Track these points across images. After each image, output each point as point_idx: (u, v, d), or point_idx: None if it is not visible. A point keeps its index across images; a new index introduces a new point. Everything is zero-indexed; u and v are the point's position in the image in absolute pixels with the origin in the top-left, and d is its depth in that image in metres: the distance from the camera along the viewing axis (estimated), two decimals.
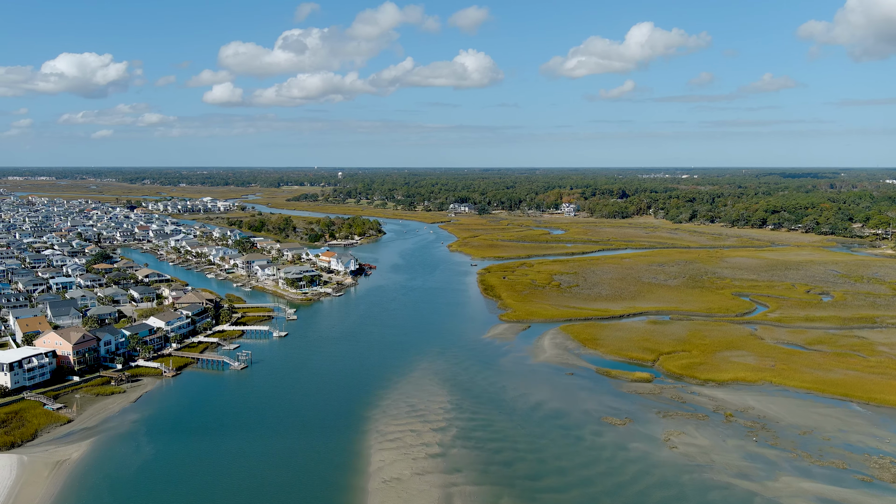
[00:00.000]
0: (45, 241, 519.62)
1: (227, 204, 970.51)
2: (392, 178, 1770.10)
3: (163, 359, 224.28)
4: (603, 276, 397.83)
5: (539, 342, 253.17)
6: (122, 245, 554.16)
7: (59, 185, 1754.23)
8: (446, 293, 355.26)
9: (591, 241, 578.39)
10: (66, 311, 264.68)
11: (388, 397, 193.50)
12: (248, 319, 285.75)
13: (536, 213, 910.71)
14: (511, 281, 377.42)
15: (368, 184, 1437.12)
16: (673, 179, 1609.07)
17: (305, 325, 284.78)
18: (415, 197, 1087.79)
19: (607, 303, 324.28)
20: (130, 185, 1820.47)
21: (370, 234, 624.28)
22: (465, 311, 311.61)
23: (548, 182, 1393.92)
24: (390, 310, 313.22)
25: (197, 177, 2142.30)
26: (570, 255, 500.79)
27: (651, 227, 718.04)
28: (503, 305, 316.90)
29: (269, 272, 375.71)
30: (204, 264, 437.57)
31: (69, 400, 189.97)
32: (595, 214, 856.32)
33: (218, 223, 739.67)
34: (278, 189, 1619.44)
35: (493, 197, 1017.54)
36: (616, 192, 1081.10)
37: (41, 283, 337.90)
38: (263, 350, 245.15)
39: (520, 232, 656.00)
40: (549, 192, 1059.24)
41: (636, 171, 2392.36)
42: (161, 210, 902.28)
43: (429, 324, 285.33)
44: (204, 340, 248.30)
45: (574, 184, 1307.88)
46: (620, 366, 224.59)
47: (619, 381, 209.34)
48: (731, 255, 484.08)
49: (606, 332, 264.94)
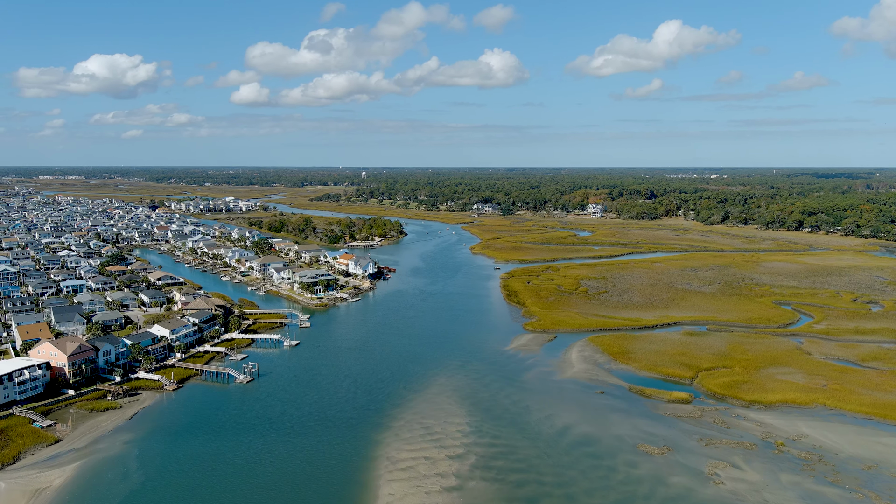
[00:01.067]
0: (63, 241, 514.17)
1: (248, 204, 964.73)
2: (416, 177, 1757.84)
3: (165, 370, 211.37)
4: (633, 281, 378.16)
5: (566, 355, 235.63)
6: (141, 245, 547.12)
7: (88, 185, 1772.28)
8: (467, 299, 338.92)
9: (620, 244, 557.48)
10: (70, 316, 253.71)
11: (402, 417, 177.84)
12: (259, 327, 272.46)
13: (562, 213, 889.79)
14: (536, 286, 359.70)
15: (392, 184, 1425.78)
16: (702, 180, 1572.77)
17: (318, 332, 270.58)
18: (438, 197, 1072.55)
19: (639, 311, 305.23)
20: (157, 184, 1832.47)
21: (391, 235, 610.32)
22: (486, 320, 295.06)
23: (573, 182, 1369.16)
24: (408, 317, 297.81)
25: (222, 176, 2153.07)
26: (598, 258, 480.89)
27: (681, 229, 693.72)
28: (527, 313, 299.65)
29: (285, 275, 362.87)
30: (220, 266, 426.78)
31: (61, 416, 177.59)
32: (623, 215, 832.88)
33: (238, 223, 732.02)
34: (302, 189, 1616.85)
35: (518, 197, 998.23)
36: (644, 192, 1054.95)
37: (51, 286, 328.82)
38: (272, 361, 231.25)
39: (545, 234, 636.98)
40: (574, 193, 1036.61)
41: (663, 171, 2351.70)
42: (183, 210, 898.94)
43: (448, 333, 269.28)
44: (210, 350, 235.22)
45: (600, 184, 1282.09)
46: (655, 383, 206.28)
47: (654, 401, 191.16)
48: (768, 260, 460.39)
49: (639, 345, 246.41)
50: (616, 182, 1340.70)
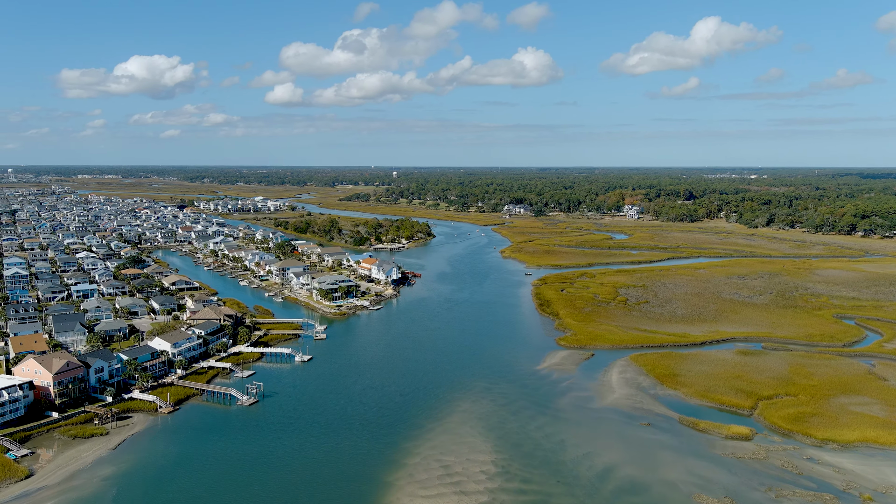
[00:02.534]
0: (85, 242, 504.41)
1: (277, 204, 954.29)
2: (446, 177, 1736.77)
3: (162, 389, 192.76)
4: (676, 290, 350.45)
5: (606, 377, 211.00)
6: (163, 247, 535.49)
7: (123, 184, 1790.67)
8: (496, 309, 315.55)
9: (659, 248, 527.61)
10: (71, 326, 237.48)
11: (418, 453, 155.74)
12: (272, 338, 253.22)
13: (597, 215, 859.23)
14: (570, 295, 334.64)
15: (422, 183, 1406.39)
16: (741, 180, 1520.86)
17: (334, 345, 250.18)
18: (468, 197, 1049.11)
19: (684, 325, 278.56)
20: (190, 183, 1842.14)
21: (418, 237, 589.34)
22: (517, 333, 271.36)
23: (608, 182, 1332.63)
24: (431, 329, 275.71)
25: (255, 176, 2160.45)
26: (637, 263, 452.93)
27: (724, 232, 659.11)
28: (562, 326, 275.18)
29: (304, 281, 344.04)
30: (239, 270, 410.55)
31: (41, 443, 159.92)
32: (660, 217, 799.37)
33: (265, 223, 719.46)
34: (333, 188, 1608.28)
35: (551, 198, 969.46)
36: (682, 193, 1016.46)
37: (61, 291, 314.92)
38: (281, 378, 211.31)
39: (579, 236, 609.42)
40: (610, 193, 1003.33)
41: (700, 171, 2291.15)
42: (211, 210, 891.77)
43: (474, 348, 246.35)
44: (215, 365, 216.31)
45: (636, 184, 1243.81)
46: (709, 413, 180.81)
47: (710, 436, 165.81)
48: (821, 267, 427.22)
49: (687, 365, 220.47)
50: (652, 182, 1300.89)
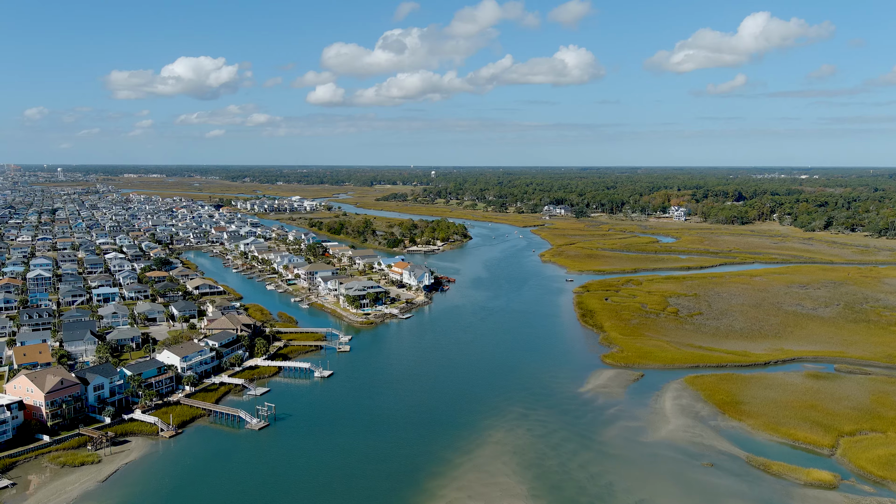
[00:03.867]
0: (117, 242, 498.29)
1: (313, 203, 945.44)
2: (485, 177, 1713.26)
3: (167, 409, 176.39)
4: (731, 300, 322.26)
5: (658, 403, 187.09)
6: (195, 247, 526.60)
7: (167, 183, 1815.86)
8: (535, 319, 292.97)
9: (710, 253, 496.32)
10: (81, 335, 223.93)
11: (443, 495, 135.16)
12: (292, 350, 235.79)
13: (641, 216, 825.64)
14: (615, 305, 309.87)
15: (460, 183, 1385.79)
16: (792, 180, 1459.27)
17: (358, 359, 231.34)
18: (507, 197, 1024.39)
19: (744, 341, 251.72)
20: (231, 182, 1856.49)
21: (454, 239, 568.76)
22: (557, 347, 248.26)
23: (652, 182, 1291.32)
24: (464, 342, 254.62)
25: (295, 175, 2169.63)
26: (686, 269, 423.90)
27: (778, 236, 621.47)
28: (607, 340, 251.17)
29: (331, 286, 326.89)
30: (267, 273, 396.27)
31: (27, 471, 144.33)
32: (709, 219, 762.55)
33: (299, 224, 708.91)
34: (371, 188, 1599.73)
35: (592, 198, 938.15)
36: (731, 194, 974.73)
37: (81, 294, 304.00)
38: (297, 397, 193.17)
39: (623, 239, 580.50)
40: (654, 194, 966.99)
41: (748, 171, 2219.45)
42: (248, 209, 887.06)
43: (510, 365, 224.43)
44: (227, 381, 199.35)
45: (681, 184, 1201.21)
46: (781, 452, 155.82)
47: (785, 482, 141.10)
48: (891, 275, 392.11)
49: (751, 390, 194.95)
50: (698, 182, 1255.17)
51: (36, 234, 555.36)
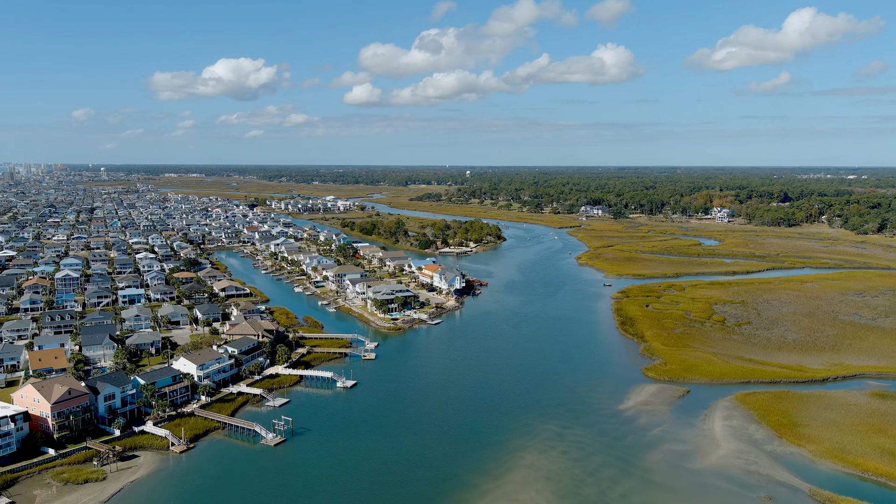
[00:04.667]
0: (150, 242, 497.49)
1: (346, 203, 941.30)
2: (520, 177, 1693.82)
3: (180, 421, 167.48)
4: (782, 308, 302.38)
5: (707, 423, 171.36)
6: (226, 247, 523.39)
7: (205, 182, 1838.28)
8: (571, 326, 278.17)
9: (756, 256, 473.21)
10: (100, 339, 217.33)
11: None
12: (316, 357, 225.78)
13: (682, 218, 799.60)
14: (657, 312, 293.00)
15: (495, 183, 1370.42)
16: (840, 181, 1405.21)
17: (383, 368, 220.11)
18: (542, 198, 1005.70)
19: (798, 354, 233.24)
20: (268, 182, 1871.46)
21: (487, 240, 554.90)
22: (595, 358, 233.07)
23: (692, 182, 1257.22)
24: (495, 350, 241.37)
25: (331, 175, 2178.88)
26: (731, 274, 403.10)
27: (828, 239, 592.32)
28: (648, 351, 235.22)
29: (359, 289, 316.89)
30: (296, 274, 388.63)
31: (29, 488, 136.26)
32: (754, 221, 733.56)
33: (332, 223, 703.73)
34: (405, 188, 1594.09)
35: (631, 199, 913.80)
36: (776, 194, 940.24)
37: (106, 296, 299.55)
38: (317, 409, 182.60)
39: (664, 242, 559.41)
40: (695, 194, 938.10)
41: (791, 171, 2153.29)
42: (282, 209, 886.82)
43: (544, 377, 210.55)
44: (246, 391, 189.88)
45: (723, 184, 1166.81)
46: (849, 484, 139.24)
47: None
48: None
49: (809, 411, 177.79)
50: (741, 182, 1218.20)
51: (72, 233, 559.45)
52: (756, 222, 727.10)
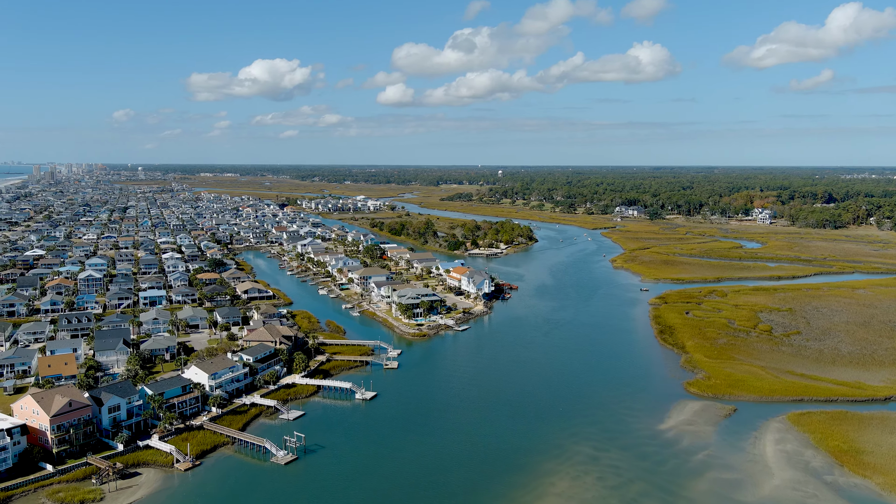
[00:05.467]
0: (178, 241, 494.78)
1: (377, 203, 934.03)
2: (553, 176, 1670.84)
3: (188, 434, 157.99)
4: (833, 317, 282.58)
5: (757, 447, 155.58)
6: (254, 247, 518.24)
7: (239, 181, 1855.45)
8: (605, 335, 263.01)
9: (801, 260, 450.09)
10: (113, 344, 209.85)
11: None
12: (335, 366, 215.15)
13: (721, 219, 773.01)
14: (698, 320, 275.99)
15: (527, 183, 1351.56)
16: (886, 181, 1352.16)
17: (406, 378, 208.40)
18: (575, 198, 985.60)
19: (855, 369, 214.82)
20: (301, 181, 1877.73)
21: (518, 241, 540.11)
22: (631, 371, 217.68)
23: (731, 183, 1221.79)
24: (524, 360, 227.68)
25: (363, 174, 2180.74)
26: (776, 279, 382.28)
27: (879, 242, 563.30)
28: (690, 363, 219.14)
29: (384, 292, 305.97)
30: (321, 276, 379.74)
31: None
32: (797, 223, 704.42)
33: (361, 223, 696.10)
34: (437, 188, 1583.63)
35: (667, 199, 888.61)
36: (820, 195, 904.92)
37: (127, 297, 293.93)
38: (333, 424, 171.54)
39: (702, 244, 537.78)
40: (735, 195, 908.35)
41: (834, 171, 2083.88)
42: (312, 209, 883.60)
43: (577, 391, 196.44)
44: (259, 402, 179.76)
45: (764, 185, 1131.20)
46: None
47: None
48: None
49: (873, 435, 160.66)
50: (782, 183, 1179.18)
51: (102, 232, 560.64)
52: (800, 224, 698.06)
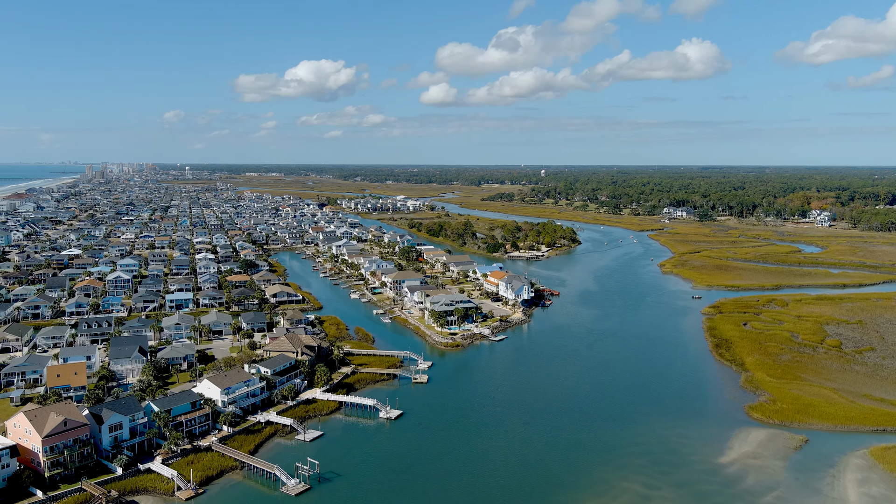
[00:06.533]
0: (214, 241, 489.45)
1: (416, 203, 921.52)
2: (598, 176, 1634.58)
3: (194, 457, 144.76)
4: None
5: (836, 488, 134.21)
6: (289, 248, 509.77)
7: (283, 181, 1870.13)
8: (655, 348, 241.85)
9: (868, 266, 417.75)
10: (129, 352, 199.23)
11: None
12: (360, 379, 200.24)
13: (776, 221, 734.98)
14: (757, 332, 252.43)
15: (571, 183, 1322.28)
16: None
17: (435, 394, 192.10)
18: (621, 198, 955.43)
19: None
20: (343, 181, 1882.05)
21: (561, 243, 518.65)
22: (685, 391, 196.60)
23: (784, 183, 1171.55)
24: (564, 376, 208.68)
25: (405, 174, 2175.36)
26: (841, 287, 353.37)
27: None
28: (751, 384, 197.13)
29: (417, 298, 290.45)
30: (354, 279, 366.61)
31: None
32: (859, 225, 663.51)
33: (399, 224, 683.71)
34: (478, 188, 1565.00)
35: (718, 200, 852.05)
36: (883, 196, 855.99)
37: (153, 300, 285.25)
38: (353, 446, 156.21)
39: (757, 248, 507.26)
40: (790, 196, 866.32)
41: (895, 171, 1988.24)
42: (352, 208, 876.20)
43: (624, 414, 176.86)
44: (275, 420, 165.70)
45: (820, 185, 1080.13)
46: None
47: None
48: None
49: None
50: (840, 183, 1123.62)
51: (141, 231, 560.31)
52: (862, 227, 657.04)
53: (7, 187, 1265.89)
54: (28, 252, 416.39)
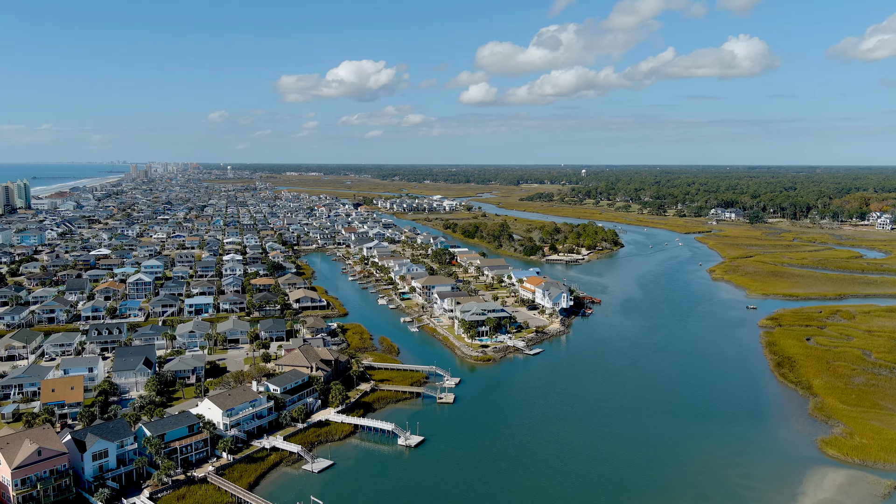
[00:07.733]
0: (245, 241, 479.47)
1: (452, 203, 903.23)
2: (640, 176, 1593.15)
3: (187, 489, 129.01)
4: None
5: None
6: (320, 249, 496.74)
7: (322, 181, 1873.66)
8: (708, 365, 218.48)
9: None
10: (133, 363, 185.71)
11: None
12: (381, 397, 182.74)
13: (832, 223, 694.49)
14: (823, 349, 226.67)
15: (612, 182, 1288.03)
16: None
17: (462, 416, 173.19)
18: (665, 199, 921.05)
19: None
20: (381, 181, 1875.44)
21: (602, 246, 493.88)
22: (744, 420, 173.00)
23: (838, 183, 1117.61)
24: (606, 400, 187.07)
25: (443, 174, 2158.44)
26: None
27: None
28: (822, 412, 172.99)
29: (447, 305, 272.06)
30: (383, 283, 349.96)
31: None
32: None
33: (434, 224, 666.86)
34: (517, 187, 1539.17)
35: (769, 201, 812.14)
36: None
37: (171, 305, 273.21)
38: (364, 481, 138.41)
39: (814, 252, 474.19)
40: (846, 197, 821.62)
41: None
42: (387, 209, 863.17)
43: (673, 448, 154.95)
44: (281, 446, 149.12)
45: (877, 186, 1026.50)
46: None
47: None
48: None
49: None
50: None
51: (173, 230, 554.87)
52: None
53: (54, 186, 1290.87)
54: (58, 252, 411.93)
